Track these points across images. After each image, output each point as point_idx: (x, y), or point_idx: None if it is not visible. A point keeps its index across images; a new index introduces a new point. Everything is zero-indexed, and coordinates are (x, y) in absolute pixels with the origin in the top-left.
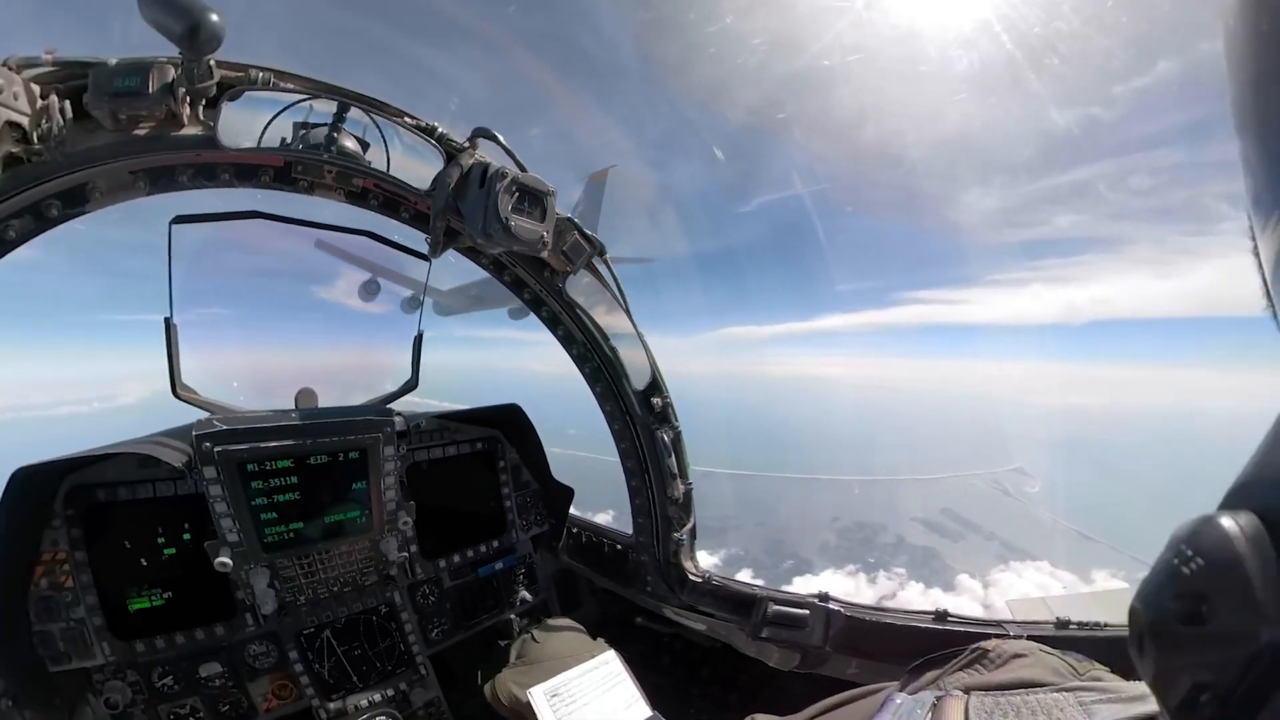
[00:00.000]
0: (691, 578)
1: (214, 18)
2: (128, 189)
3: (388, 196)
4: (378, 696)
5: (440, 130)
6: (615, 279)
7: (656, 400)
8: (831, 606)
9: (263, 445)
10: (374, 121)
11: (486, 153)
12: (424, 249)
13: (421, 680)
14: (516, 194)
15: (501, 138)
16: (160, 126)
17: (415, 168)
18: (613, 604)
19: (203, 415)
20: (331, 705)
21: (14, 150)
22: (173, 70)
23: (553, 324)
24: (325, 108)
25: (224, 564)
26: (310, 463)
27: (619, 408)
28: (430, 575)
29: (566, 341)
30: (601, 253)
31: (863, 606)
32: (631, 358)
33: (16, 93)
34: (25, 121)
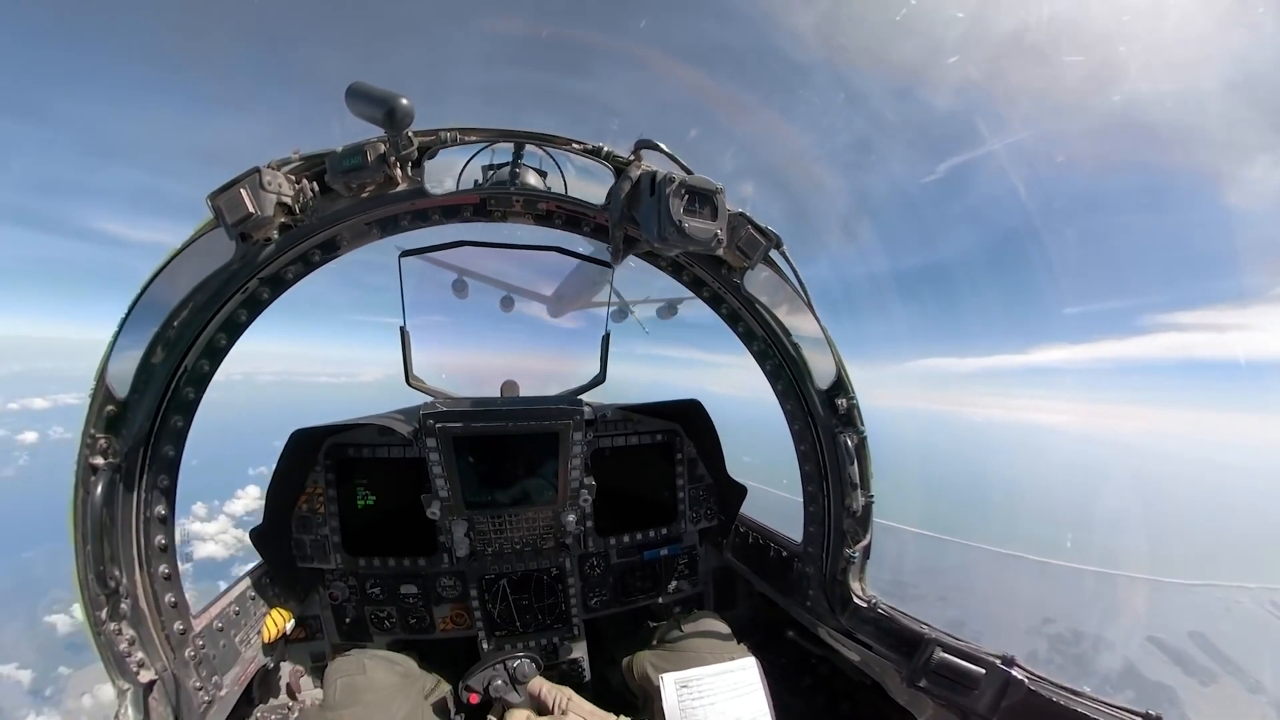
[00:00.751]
0: (856, 600)
1: (404, 102)
2: (365, 236)
3: (569, 215)
4: (531, 643)
5: (606, 149)
6: (796, 272)
7: (841, 401)
8: (1014, 673)
9: (474, 424)
10: (547, 153)
11: (652, 161)
12: (607, 257)
13: (573, 639)
14: (686, 196)
15: (664, 145)
16: (381, 188)
17: (589, 186)
18: (767, 611)
19: (427, 399)
20: (493, 639)
21: (285, 220)
22: (382, 146)
23: (732, 321)
24: (505, 148)
25: (433, 513)
26: (510, 441)
27: (800, 407)
28: (600, 550)
29: (746, 338)
30: (778, 245)
31: (1054, 683)
32: (815, 356)
33: (281, 183)
34: (290, 200)
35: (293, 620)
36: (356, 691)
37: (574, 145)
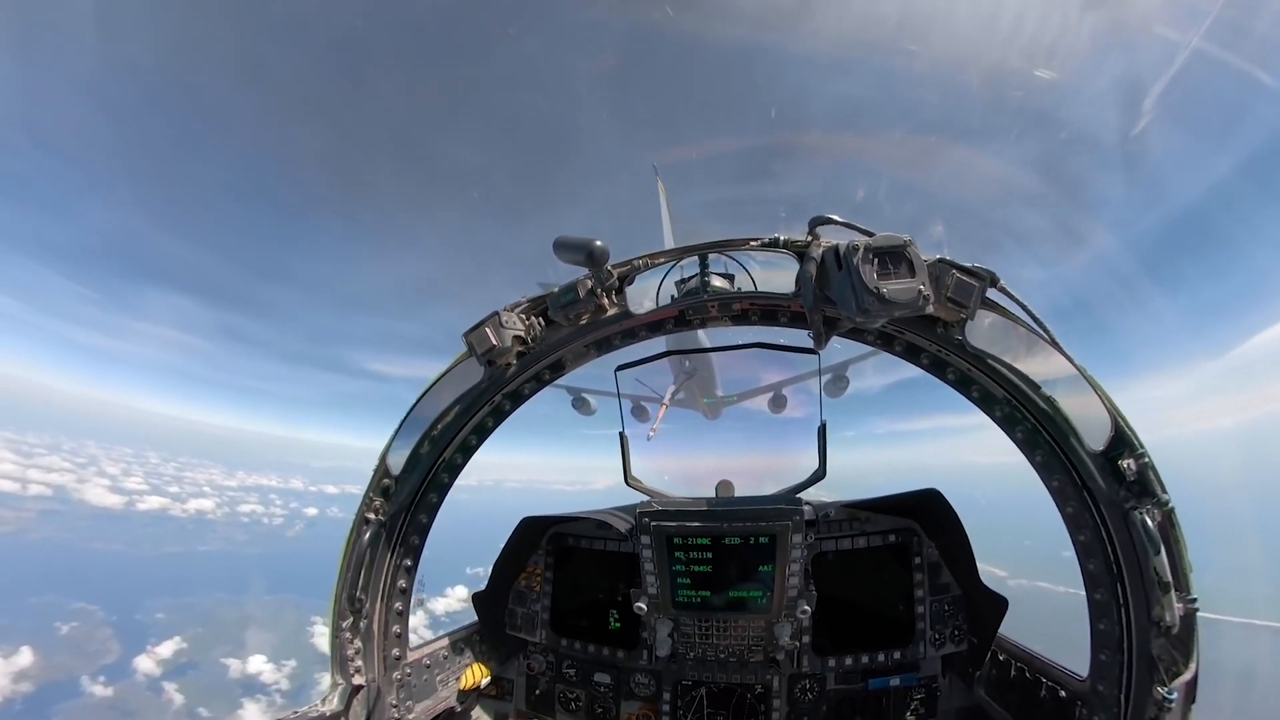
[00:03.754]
0: None
1: (598, 244)
2: (584, 356)
3: (764, 310)
4: None
5: (782, 237)
6: (1024, 307)
7: (1128, 463)
8: None
9: (688, 524)
10: (730, 256)
11: (831, 235)
12: (810, 344)
13: None
14: (875, 260)
15: (837, 216)
16: (594, 315)
17: (777, 276)
18: None
19: (644, 498)
20: None
21: (520, 349)
22: (589, 281)
23: (964, 385)
24: (691, 261)
25: (640, 608)
26: (725, 542)
27: (1070, 481)
28: (815, 671)
29: (985, 403)
30: (993, 281)
31: None
32: (1079, 408)
33: (515, 321)
34: (523, 333)
35: (489, 677)
36: None
37: (751, 243)
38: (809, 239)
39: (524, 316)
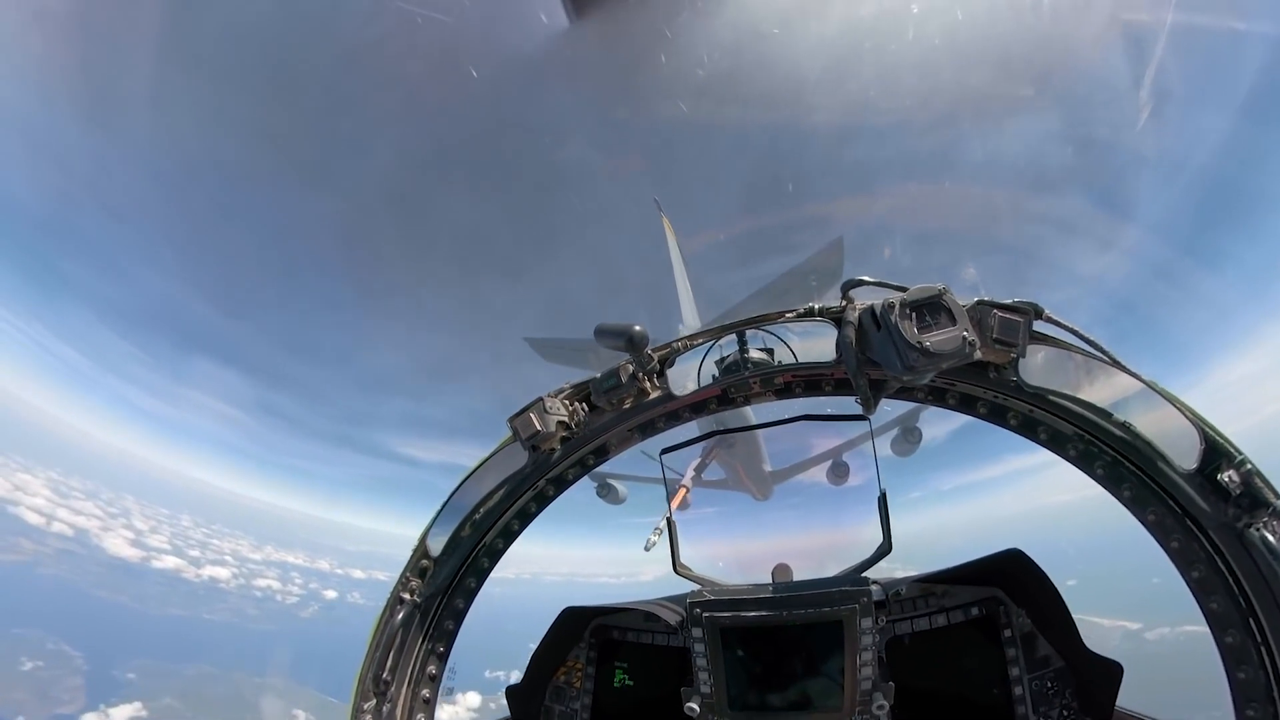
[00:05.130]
0: None
1: (638, 328)
2: (628, 441)
3: (807, 380)
4: None
5: (816, 306)
6: (1077, 333)
7: (1228, 475)
8: None
9: (743, 614)
10: (767, 331)
11: (865, 297)
12: (857, 410)
13: None
14: (913, 314)
15: (868, 277)
16: (636, 399)
17: (816, 345)
18: None
19: (695, 587)
20: None
21: (564, 434)
22: (630, 366)
23: (1029, 430)
24: (730, 340)
25: (692, 709)
26: (785, 633)
27: (1168, 510)
28: None
29: (1056, 444)
30: (1038, 313)
31: None
32: (1158, 426)
33: (559, 406)
34: (567, 419)
35: None
36: None
37: (787, 315)
38: (844, 304)
39: (567, 402)
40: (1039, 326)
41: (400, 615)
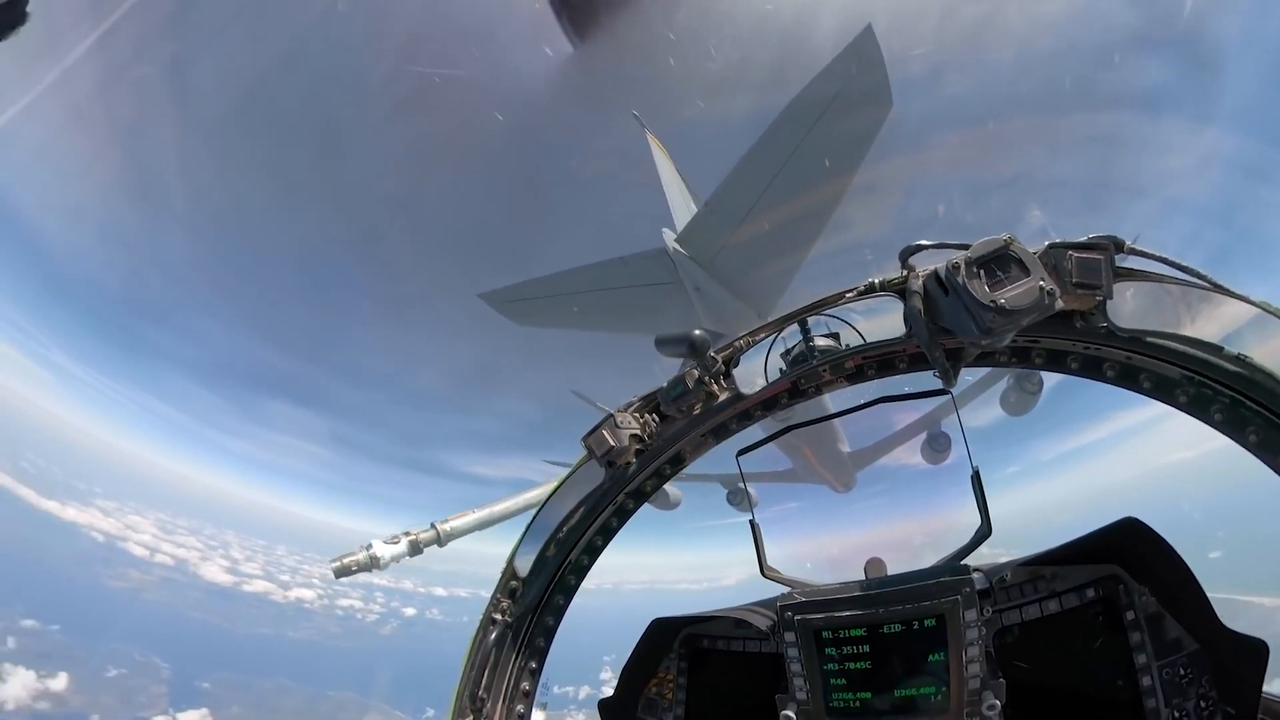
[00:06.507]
0: None
1: (698, 333)
2: (703, 446)
3: (879, 361)
4: None
5: (876, 281)
6: (1169, 261)
7: None
8: None
9: (837, 614)
10: (829, 315)
11: (927, 262)
12: (936, 385)
13: None
14: (981, 272)
15: (926, 240)
16: (705, 403)
17: (884, 323)
18: None
19: (785, 589)
20: None
21: (638, 447)
22: (695, 372)
23: (1129, 379)
24: (793, 330)
25: (789, 717)
26: (883, 631)
27: None
28: None
29: (1163, 391)
30: (1120, 247)
31: None
32: (1279, 354)
33: (629, 420)
34: (639, 431)
35: None
36: None
37: (847, 295)
38: (905, 274)
39: (638, 415)
40: (1123, 261)
41: (493, 635)
